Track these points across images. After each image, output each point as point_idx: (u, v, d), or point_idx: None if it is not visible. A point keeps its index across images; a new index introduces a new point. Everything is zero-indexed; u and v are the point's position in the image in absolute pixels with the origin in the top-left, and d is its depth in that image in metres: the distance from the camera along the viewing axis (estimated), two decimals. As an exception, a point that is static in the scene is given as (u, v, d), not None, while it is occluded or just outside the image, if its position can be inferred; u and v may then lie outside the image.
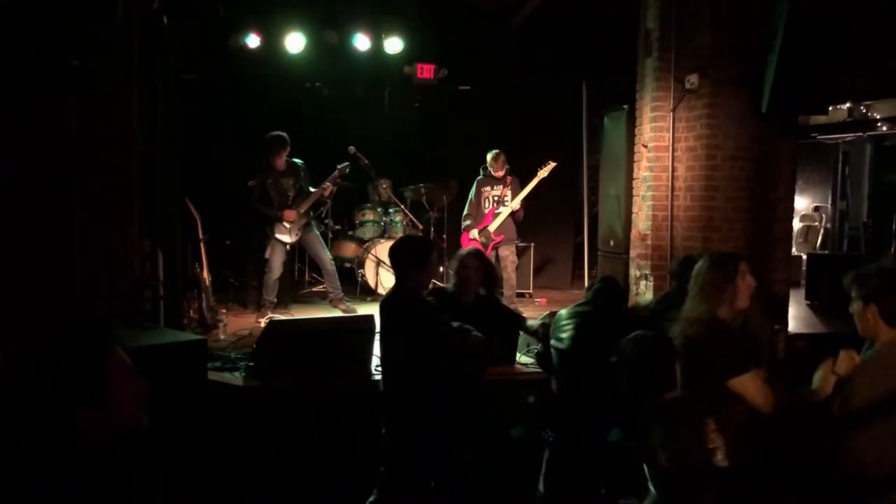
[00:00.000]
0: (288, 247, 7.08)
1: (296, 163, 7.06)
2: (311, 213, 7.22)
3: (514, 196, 7.28)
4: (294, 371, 4.75)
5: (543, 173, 7.19)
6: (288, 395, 4.66)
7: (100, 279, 4.85)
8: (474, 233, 7.30)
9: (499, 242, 7.26)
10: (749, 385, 2.96)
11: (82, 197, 4.81)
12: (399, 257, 3.69)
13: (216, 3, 7.68)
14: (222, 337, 6.17)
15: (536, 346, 4.66)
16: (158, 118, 5.77)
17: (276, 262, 6.96)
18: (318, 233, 7.25)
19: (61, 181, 4.71)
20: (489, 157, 7.27)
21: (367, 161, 7.41)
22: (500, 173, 7.27)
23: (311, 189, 7.09)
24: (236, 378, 4.89)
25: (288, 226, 6.92)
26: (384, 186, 8.23)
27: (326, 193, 7.19)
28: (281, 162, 6.93)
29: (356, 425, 4.38)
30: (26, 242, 4.53)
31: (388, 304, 3.71)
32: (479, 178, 7.46)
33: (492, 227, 7.25)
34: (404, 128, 9.02)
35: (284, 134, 6.91)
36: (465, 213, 7.49)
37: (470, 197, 7.47)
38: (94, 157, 4.88)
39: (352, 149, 7.40)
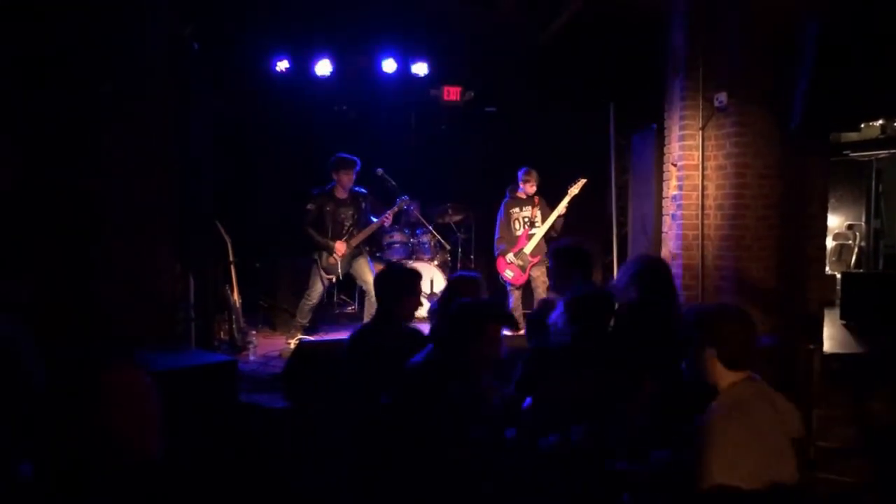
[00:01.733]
0: (333, 279, 6.96)
1: (359, 192, 6.92)
2: (364, 242, 7.05)
3: (543, 216, 7.27)
4: (324, 392, 4.75)
5: (574, 190, 7.16)
6: (318, 416, 4.66)
7: (132, 302, 4.90)
8: (510, 256, 7.26)
9: (535, 264, 7.24)
10: None
11: (115, 221, 4.88)
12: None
13: (246, 29, 7.79)
14: (252, 358, 6.22)
15: None
16: (189, 143, 5.86)
17: (318, 291, 6.82)
18: (368, 260, 7.04)
19: (94, 206, 4.79)
20: (521, 173, 7.26)
21: (394, 183, 7.44)
22: (532, 190, 7.25)
23: (374, 219, 7.00)
24: (267, 399, 4.91)
25: (336, 258, 6.75)
26: (412, 208, 8.26)
27: (387, 224, 7.13)
28: (344, 189, 6.79)
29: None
30: (60, 266, 4.59)
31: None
32: (505, 200, 7.45)
33: (527, 249, 7.22)
34: (431, 150, 9.06)
35: (353, 158, 6.75)
36: (497, 236, 7.45)
37: (499, 220, 7.44)
38: (125, 182, 4.96)
39: (379, 171, 7.44)
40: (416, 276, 3.83)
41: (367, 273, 6.88)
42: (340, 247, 6.73)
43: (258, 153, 8.65)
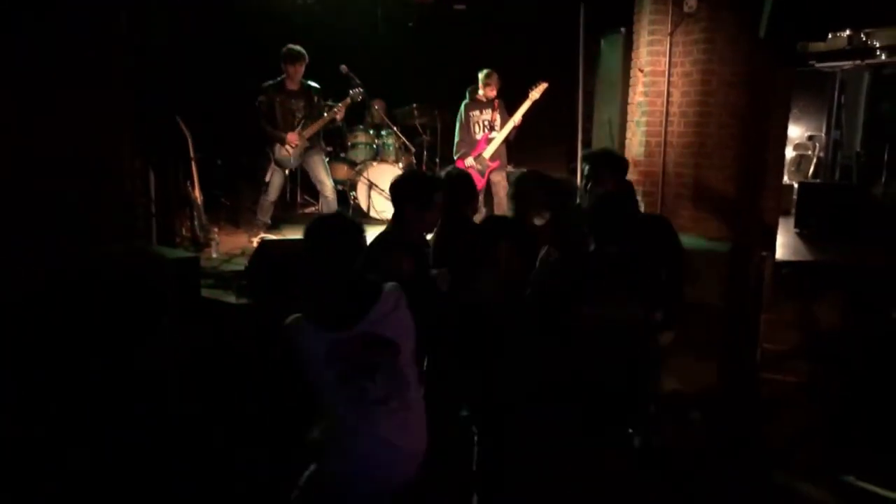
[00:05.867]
0: (287, 171, 6.94)
1: (311, 85, 6.80)
2: (319, 138, 7.00)
3: (503, 121, 7.15)
4: (285, 290, 4.80)
5: (535, 94, 6.97)
6: (279, 313, 4.71)
7: (92, 198, 4.85)
8: (470, 160, 7.16)
9: (494, 169, 7.19)
10: None
11: (71, 113, 4.77)
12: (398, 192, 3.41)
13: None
14: (215, 255, 6.22)
15: None
16: (147, 35, 5.68)
17: (275, 185, 6.81)
18: (323, 157, 7.02)
19: (49, 97, 4.67)
20: (481, 75, 7.08)
21: (359, 81, 7.31)
22: (492, 94, 7.12)
23: (325, 114, 6.90)
24: (229, 296, 4.96)
25: (290, 150, 6.70)
26: (377, 108, 8.14)
27: (339, 117, 6.98)
28: (294, 81, 6.68)
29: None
30: (20, 162, 4.51)
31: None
32: (465, 101, 7.28)
33: (486, 154, 7.11)
34: (398, 48, 8.87)
35: (302, 50, 6.60)
36: (456, 139, 7.33)
37: (459, 122, 7.30)
38: (81, 73, 4.83)
39: (343, 68, 7.28)
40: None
41: (321, 171, 6.86)
42: (292, 137, 6.68)
43: (218, 47, 8.39)
